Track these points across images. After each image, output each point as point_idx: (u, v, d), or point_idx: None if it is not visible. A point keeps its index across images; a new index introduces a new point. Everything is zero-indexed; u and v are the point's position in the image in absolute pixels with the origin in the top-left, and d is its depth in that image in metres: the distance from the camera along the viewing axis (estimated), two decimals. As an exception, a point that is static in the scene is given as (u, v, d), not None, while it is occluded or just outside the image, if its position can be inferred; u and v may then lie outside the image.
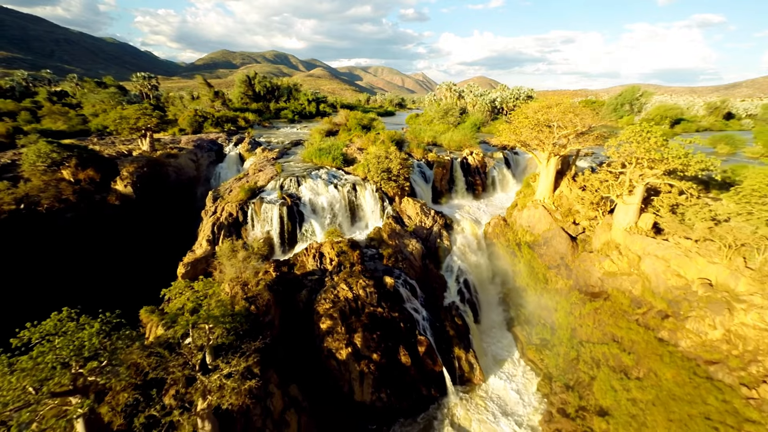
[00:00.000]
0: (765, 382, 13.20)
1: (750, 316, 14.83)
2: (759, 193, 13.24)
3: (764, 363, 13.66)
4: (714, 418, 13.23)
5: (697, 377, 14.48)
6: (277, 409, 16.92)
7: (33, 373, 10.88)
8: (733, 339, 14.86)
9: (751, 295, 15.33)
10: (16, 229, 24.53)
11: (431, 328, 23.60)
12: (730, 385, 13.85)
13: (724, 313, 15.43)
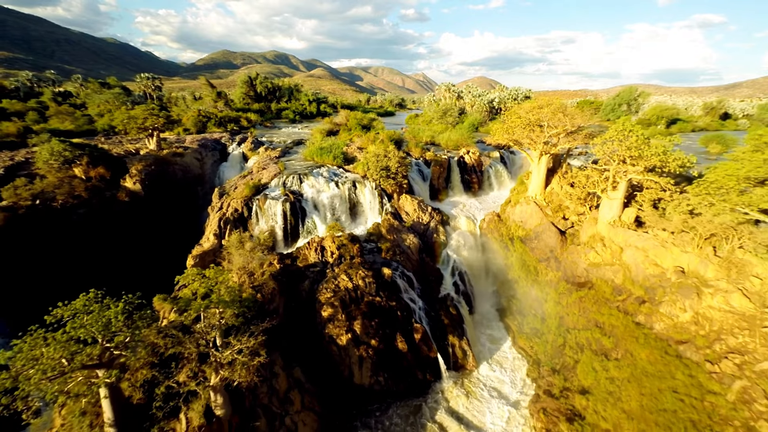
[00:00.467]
0: (726, 358, 14.46)
1: (716, 299, 16.11)
2: (716, 184, 14.44)
3: (727, 341, 14.92)
4: (681, 391, 14.50)
5: (668, 356, 15.75)
6: (282, 388, 18.22)
7: (66, 345, 12.17)
8: (701, 320, 16.14)
9: (718, 281, 16.60)
10: (34, 223, 25.84)
11: (427, 317, 24.87)
12: (696, 361, 15.11)
13: (693, 298, 16.72)
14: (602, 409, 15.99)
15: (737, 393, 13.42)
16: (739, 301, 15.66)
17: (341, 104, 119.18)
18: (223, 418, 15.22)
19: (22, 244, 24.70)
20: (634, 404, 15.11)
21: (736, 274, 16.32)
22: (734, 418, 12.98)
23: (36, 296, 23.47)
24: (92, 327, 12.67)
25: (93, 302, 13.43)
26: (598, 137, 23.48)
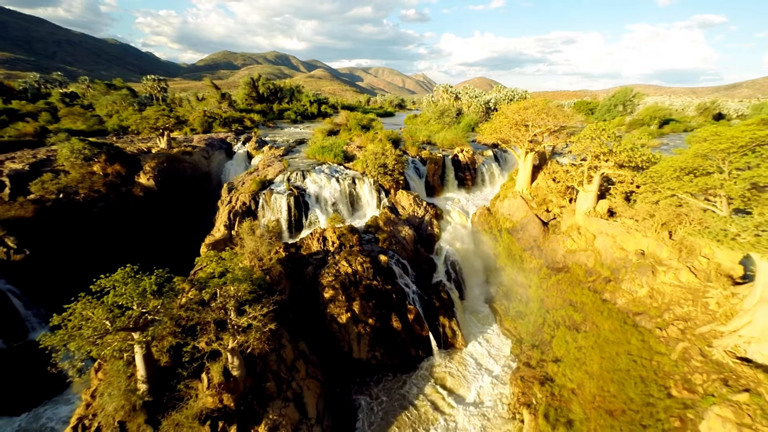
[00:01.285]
0: (672, 324, 16.67)
1: (668, 276, 18.34)
2: (658, 174, 16.61)
3: (674, 311, 17.14)
4: (634, 354, 16.71)
5: (626, 325, 17.98)
6: (288, 358, 20.51)
7: (110, 308, 14.47)
8: (655, 294, 18.36)
9: (670, 260, 18.84)
10: (59, 216, 28.14)
11: (420, 301, 27.17)
12: (648, 329, 17.33)
13: (649, 275, 18.96)
14: (569, 373, 18.25)
15: (679, 353, 15.66)
16: (686, 276, 17.91)
17: (341, 105, 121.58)
18: (239, 378, 17.50)
19: (50, 234, 26.98)
20: (596, 366, 17.37)
21: (686, 254, 18.59)
22: (675, 373, 15.22)
23: (64, 283, 25.85)
24: (130, 295, 14.96)
25: (129, 275, 15.74)
26: (574, 136, 25.78)
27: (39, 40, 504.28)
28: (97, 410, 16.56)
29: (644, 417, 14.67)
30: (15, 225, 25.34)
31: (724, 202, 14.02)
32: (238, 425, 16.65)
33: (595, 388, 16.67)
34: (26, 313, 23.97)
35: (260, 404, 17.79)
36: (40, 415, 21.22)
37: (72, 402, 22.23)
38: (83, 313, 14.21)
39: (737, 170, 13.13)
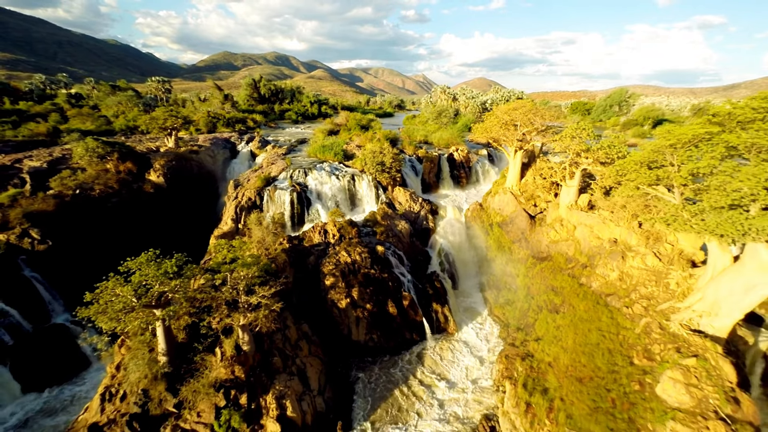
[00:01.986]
0: (637, 303, 18.53)
1: (636, 260, 20.22)
2: (623, 169, 18.45)
3: (639, 291, 19.01)
4: (603, 329, 18.58)
5: (598, 305, 19.86)
6: (293, 337, 22.41)
7: (137, 287, 16.39)
8: (624, 277, 20.23)
9: (638, 247, 20.71)
10: (77, 210, 30.05)
11: (414, 289, 29.07)
12: (617, 308, 19.20)
13: (619, 260, 20.84)
14: (547, 349, 20.12)
15: (642, 327, 17.51)
16: (652, 261, 19.78)
17: (341, 106, 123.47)
18: (249, 353, 19.41)
19: (69, 227, 28.89)
20: (570, 342, 19.24)
21: (653, 242, 20.46)
22: (637, 344, 17.08)
23: (83, 272, 27.77)
24: (153, 275, 16.87)
25: (151, 259, 17.66)
26: (557, 135, 27.69)
27: (40, 41, 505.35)
28: (121, 380, 18.48)
29: (609, 382, 16.56)
30: (38, 218, 27.26)
31: (677, 192, 15.88)
32: (248, 394, 18.57)
33: (569, 360, 18.55)
34: (49, 299, 25.89)
35: (268, 376, 19.71)
36: (64, 390, 23.13)
37: (92, 379, 24.11)
38: (114, 291, 16.13)
39: (683, 163, 14.99)
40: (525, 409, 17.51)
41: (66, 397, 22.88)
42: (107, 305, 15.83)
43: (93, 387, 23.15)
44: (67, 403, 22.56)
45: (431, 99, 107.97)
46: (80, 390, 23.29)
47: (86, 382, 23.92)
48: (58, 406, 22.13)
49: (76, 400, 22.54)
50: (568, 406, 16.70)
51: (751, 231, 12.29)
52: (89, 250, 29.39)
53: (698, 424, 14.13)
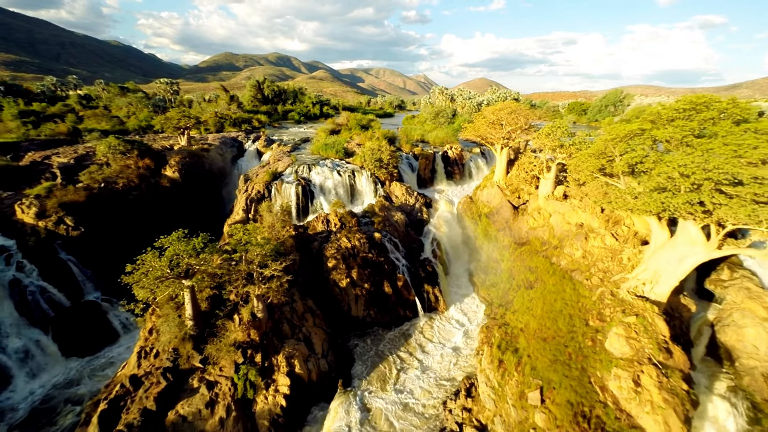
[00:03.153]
0: (595, 275, 21.56)
1: (596, 241, 23.27)
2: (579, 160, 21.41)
3: (598, 266, 22.03)
4: (566, 299, 21.60)
5: (564, 279, 22.88)
6: (299, 310, 25.54)
7: (169, 260, 19.53)
8: (587, 255, 23.25)
9: (599, 229, 23.75)
10: (103, 201, 33.25)
11: (408, 272, 32.17)
12: (579, 281, 22.21)
13: (583, 241, 23.88)
14: (520, 317, 23.15)
15: (598, 295, 20.54)
16: (610, 240, 22.82)
17: (342, 106, 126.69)
18: (262, 320, 22.53)
19: (97, 216, 32.07)
20: (539, 310, 22.27)
21: (612, 224, 23.51)
22: (593, 309, 20.11)
23: (109, 256, 30.98)
24: (184, 250, 20.01)
25: (181, 237, 20.80)
26: (536, 133, 30.75)
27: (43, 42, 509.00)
28: (154, 342, 21.65)
29: (567, 340, 19.59)
30: (71, 207, 30.45)
31: (623, 179, 18.88)
32: (262, 354, 21.72)
33: (537, 325, 21.57)
34: (82, 279, 29.07)
35: (278, 340, 22.86)
36: (98, 357, 26.33)
37: (121, 349, 27.28)
38: (152, 263, 19.28)
39: (621, 154, 17.98)
40: (498, 365, 20.57)
41: (101, 362, 26.09)
42: (147, 273, 18.99)
43: (123, 354, 26.37)
44: (103, 366, 25.77)
45: (430, 99, 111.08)
46: (112, 356, 26.51)
47: (117, 351, 27.11)
48: (95, 368, 25.34)
49: (110, 364, 25.74)
50: (533, 360, 19.76)
51: (669, 207, 15.35)
52: (114, 237, 32.57)
53: (635, 368, 17.23)
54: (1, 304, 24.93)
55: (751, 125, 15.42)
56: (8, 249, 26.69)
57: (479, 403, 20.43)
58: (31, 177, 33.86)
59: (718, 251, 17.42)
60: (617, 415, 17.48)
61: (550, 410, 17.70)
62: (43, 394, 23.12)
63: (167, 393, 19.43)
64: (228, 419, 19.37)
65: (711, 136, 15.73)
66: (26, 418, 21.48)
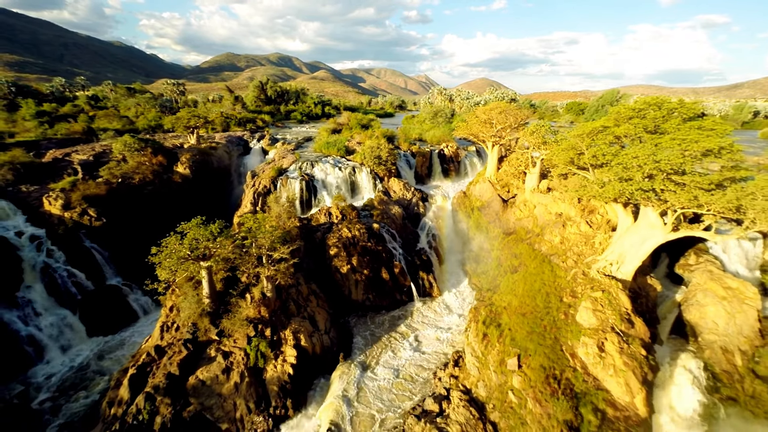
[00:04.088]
0: (570, 258, 23.97)
1: (573, 228, 25.69)
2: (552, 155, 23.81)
3: (573, 250, 24.43)
4: (545, 279, 23.99)
5: (544, 263, 25.29)
6: (304, 292, 28.02)
7: (190, 244, 22.02)
8: (564, 241, 25.67)
9: (576, 217, 26.19)
10: (122, 195, 35.80)
11: (405, 260, 34.63)
12: (557, 263, 24.60)
13: (561, 228, 26.31)
14: (504, 297, 25.56)
15: (572, 275, 22.95)
16: (584, 227, 25.23)
17: (344, 106, 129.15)
18: (271, 299, 25.02)
19: (117, 209, 34.62)
20: (520, 290, 24.70)
21: (587, 213, 25.94)
22: (567, 287, 22.51)
23: (127, 245, 33.54)
24: (202, 235, 22.51)
25: (199, 224, 23.28)
26: (522, 131, 33.20)
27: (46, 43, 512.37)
28: (174, 318, 24.17)
29: (543, 315, 22.00)
30: (94, 200, 33.02)
31: (591, 171, 21.28)
32: (271, 329, 24.21)
33: (518, 303, 23.98)
34: (104, 265, 31.62)
35: (286, 318, 25.36)
36: (122, 335, 28.90)
37: (141, 328, 29.79)
38: (175, 246, 21.80)
39: (587, 148, 20.37)
40: (482, 338, 22.99)
41: (123, 340, 28.65)
42: (171, 254, 21.50)
43: (143, 333, 28.87)
44: (125, 343, 28.33)
45: (429, 100, 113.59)
46: (133, 335, 29.07)
47: (137, 330, 29.65)
48: (118, 345, 27.91)
49: (132, 341, 28.29)
50: (513, 333, 22.18)
51: (626, 193, 17.78)
52: (132, 228, 35.11)
53: (599, 336, 19.68)
54: (34, 286, 27.54)
55: (696, 123, 17.84)
56: (39, 237, 29.24)
57: (465, 371, 22.88)
58: (53, 173, 36.41)
59: (674, 233, 19.86)
60: (585, 378, 19.95)
61: (525, 374, 20.15)
62: (73, 366, 25.68)
63: (188, 361, 21.95)
64: (242, 384, 21.88)
65: (662, 132, 18.14)
66: (60, 386, 24.04)
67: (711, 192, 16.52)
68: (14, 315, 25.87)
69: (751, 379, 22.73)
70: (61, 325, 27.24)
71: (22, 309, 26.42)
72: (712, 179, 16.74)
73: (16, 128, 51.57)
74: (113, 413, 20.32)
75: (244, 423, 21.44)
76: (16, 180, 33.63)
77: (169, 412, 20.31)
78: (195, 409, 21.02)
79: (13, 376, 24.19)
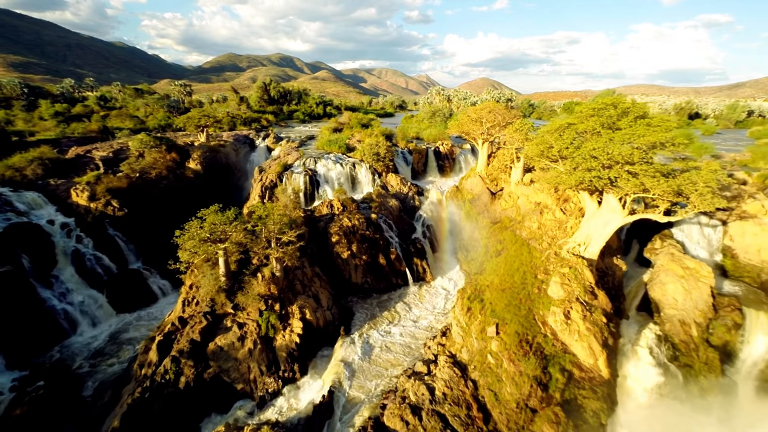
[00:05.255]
0: (545, 241, 27.00)
1: (549, 215, 28.71)
2: (527, 150, 26.81)
3: (549, 234, 27.44)
4: (523, 260, 26.97)
5: (523, 246, 28.29)
6: (308, 274, 31.08)
7: (209, 227, 25.09)
8: (541, 227, 28.67)
9: (552, 205, 29.24)
10: (140, 188, 38.94)
11: (401, 248, 37.67)
12: (534, 246, 27.59)
13: (539, 215, 29.33)
14: (488, 277, 28.57)
15: (546, 256, 25.93)
16: (559, 214, 28.25)
17: (345, 106, 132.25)
18: (280, 278, 28.08)
19: (136, 200, 37.76)
20: (502, 270, 27.71)
21: (562, 202, 28.95)
22: (542, 266, 25.48)
23: (146, 233, 36.65)
24: (219, 220, 25.57)
25: (216, 210, 26.35)
26: (506, 129, 36.24)
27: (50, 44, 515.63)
28: (194, 294, 27.25)
29: (519, 290, 25.01)
30: (116, 192, 36.17)
31: (561, 163, 24.26)
32: (280, 304, 27.28)
33: (499, 281, 27.00)
34: (127, 251, 34.76)
35: (292, 295, 28.43)
36: (143, 312, 32.02)
37: (160, 307, 32.89)
38: (196, 231, 24.88)
39: (555, 142, 23.35)
40: (467, 311, 26.00)
41: (145, 316, 31.80)
42: (193, 235, 24.59)
43: (163, 311, 31.95)
44: (147, 319, 31.48)
45: (428, 100, 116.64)
46: (154, 312, 32.19)
47: (157, 309, 32.79)
48: (141, 320, 31.08)
49: (153, 318, 31.42)
50: (494, 306, 25.18)
51: (585, 181, 20.80)
52: (150, 218, 38.23)
53: (566, 305, 22.70)
54: (66, 268, 30.70)
55: (646, 120, 20.84)
56: (68, 225, 32.38)
57: (451, 339, 25.91)
58: (77, 168, 39.58)
59: (630, 216, 22.87)
60: (554, 343, 23.01)
61: (502, 339, 23.16)
62: (103, 338, 28.83)
63: (207, 330, 25.04)
64: (255, 350, 24.96)
65: (618, 128, 21.14)
66: (93, 353, 27.18)
67: (657, 179, 19.51)
68: (50, 293, 29.01)
69: (705, 348, 25.74)
70: (91, 302, 30.37)
71: (56, 288, 29.56)
72: (658, 168, 19.74)
73: (36, 127, 54.82)
74: (143, 373, 23.41)
75: (257, 383, 24.54)
76: (44, 174, 36.74)
77: (191, 373, 23.39)
78: (214, 371, 24.13)
79: (52, 345, 27.36)
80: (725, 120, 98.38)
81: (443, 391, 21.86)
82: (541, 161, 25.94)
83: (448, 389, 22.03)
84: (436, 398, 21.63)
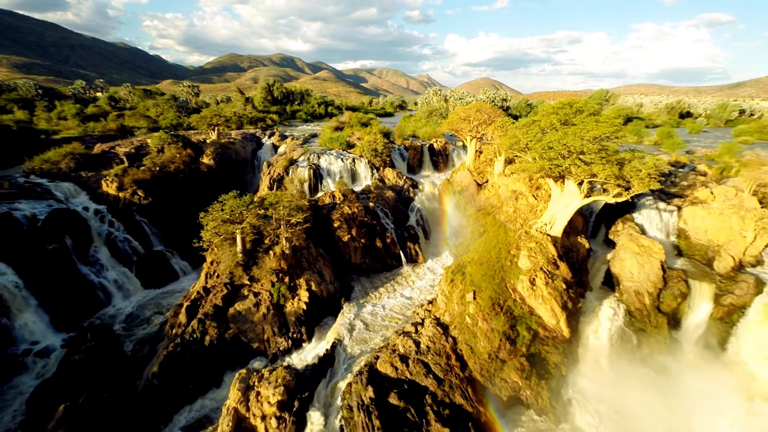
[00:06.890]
0: (518, 222, 31.21)
1: (523, 201, 32.91)
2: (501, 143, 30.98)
3: (523, 217, 31.64)
4: (499, 239, 31.15)
5: (500, 228, 32.48)
6: (313, 254, 35.31)
7: (230, 209, 29.30)
8: (517, 211, 32.86)
9: (526, 193, 33.54)
10: (161, 180, 43.21)
11: (395, 233, 41.85)
12: (511, 228, 31.75)
13: (515, 201, 33.54)
14: (470, 255, 32.73)
15: (518, 235, 30.10)
16: (532, 200, 32.44)
17: (346, 106, 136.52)
18: (289, 255, 32.29)
19: (158, 191, 42.05)
20: (481, 249, 31.88)
21: (534, 189, 33.15)
22: (514, 243, 29.62)
23: (167, 220, 40.92)
24: (237, 204, 29.79)
25: (234, 196, 30.57)
26: (490, 127, 40.43)
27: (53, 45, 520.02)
28: (215, 268, 31.51)
29: (494, 263, 29.18)
30: (141, 184, 40.47)
31: (528, 154, 28.42)
32: (289, 277, 31.52)
33: (478, 257, 31.15)
34: (151, 235, 39.06)
35: (300, 270, 32.67)
36: (168, 288, 36.30)
37: (182, 284, 37.12)
38: (218, 213, 29.12)
39: (523, 136, 27.53)
40: (450, 281, 30.16)
41: (170, 291, 36.08)
42: (216, 216, 28.84)
43: (185, 288, 36.20)
44: (172, 293, 35.73)
45: (426, 99, 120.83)
46: (177, 288, 36.46)
47: (180, 285, 37.07)
48: (165, 294, 35.39)
49: (177, 292, 35.70)
50: (473, 277, 29.33)
51: (545, 168, 25.00)
52: (169, 208, 42.53)
53: (531, 273, 26.88)
54: (100, 248, 34.99)
55: (598, 117, 25.04)
56: (101, 211, 36.70)
57: (436, 306, 30.13)
58: (104, 162, 43.88)
59: (586, 199, 27.05)
60: (522, 306, 27.20)
61: (478, 303, 27.33)
62: (134, 307, 33.14)
63: (228, 297, 29.31)
64: (268, 315, 29.22)
65: (572, 124, 25.33)
66: (127, 320, 31.50)
67: (602, 166, 23.68)
68: (88, 269, 33.30)
69: (655, 314, 29.99)
70: (123, 278, 34.69)
71: (93, 265, 33.85)
72: (605, 156, 23.92)
73: (59, 126, 59.16)
74: (174, 333, 27.67)
75: (270, 342, 28.80)
76: (76, 167, 41.04)
77: (215, 332, 27.68)
78: (234, 332, 28.41)
79: (91, 314, 31.68)
80: (716, 119, 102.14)
81: (427, 345, 26.09)
82: (512, 152, 30.10)
83: (432, 343, 26.26)
84: (421, 350, 25.86)
